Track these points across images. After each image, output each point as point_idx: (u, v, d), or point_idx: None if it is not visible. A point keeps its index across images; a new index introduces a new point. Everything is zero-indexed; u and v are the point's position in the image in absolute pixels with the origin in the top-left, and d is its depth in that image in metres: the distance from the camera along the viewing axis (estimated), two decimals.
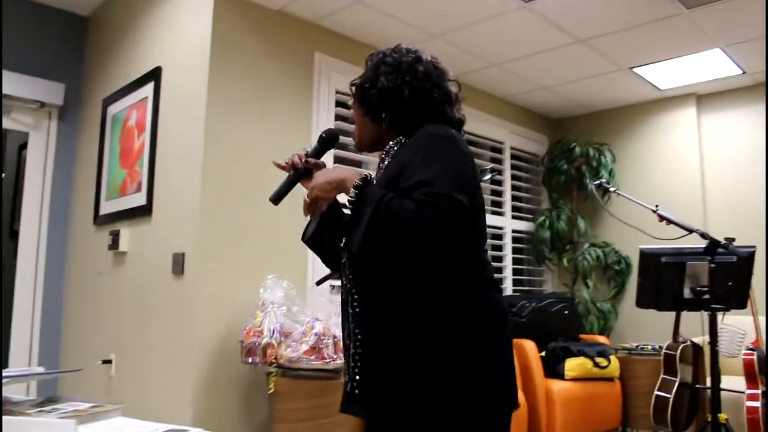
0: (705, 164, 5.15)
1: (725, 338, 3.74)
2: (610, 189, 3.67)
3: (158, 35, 3.78)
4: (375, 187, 1.55)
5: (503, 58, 4.52)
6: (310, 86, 3.86)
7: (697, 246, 3.22)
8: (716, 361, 3.09)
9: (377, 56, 1.78)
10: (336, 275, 1.87)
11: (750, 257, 3.26)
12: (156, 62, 3.71)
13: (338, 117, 3.98)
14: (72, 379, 3.94)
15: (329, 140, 1.85)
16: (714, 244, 3.12)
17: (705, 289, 3.20)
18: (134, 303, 3.62)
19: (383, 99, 1.71)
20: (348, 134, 3.88)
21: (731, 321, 3.69)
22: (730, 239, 3.15)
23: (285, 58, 3.74)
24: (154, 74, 3.68)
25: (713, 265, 3.12)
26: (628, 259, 5.24)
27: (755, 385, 3.51)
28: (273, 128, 3.61)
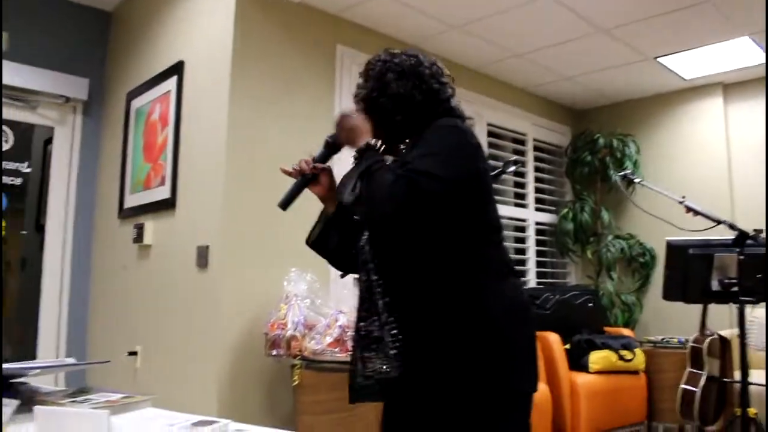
0: (732, 154, 5.07)
1: (754, 331, 3.69)
2: (635, 180, 3.62)
3: (180, 29, 3.79)
4: (375, 155, 1.64)
5: (526, 49, 4.47)
6: (332, 78, 3.86)
7: (726, 238, 3.16)
8: (745, 355, 3.04)
9: (378, 65, 1.79)
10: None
11: None
12: (179, 56, 3.73)
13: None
14: (98, 371, 3.98)
15: (335, 145, 1.84)
16: (743, 236, 3.06)
17: (733, 282, 3.14)
18: (159, 296, 3.65)
19: (395, 105, 1.73)
20: None
21: (760, 314, 3.64)
22: (759, 230, 3.09)
23: (306, 51, 3.74)
24: (177, 68, 3.69)
25: (742, 257, 3.06)
26: (653, 251, 5.18)
27: None
28: (295, 121, 3.61)
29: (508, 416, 1.59)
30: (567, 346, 4.31)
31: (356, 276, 1.78)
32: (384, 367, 1.66)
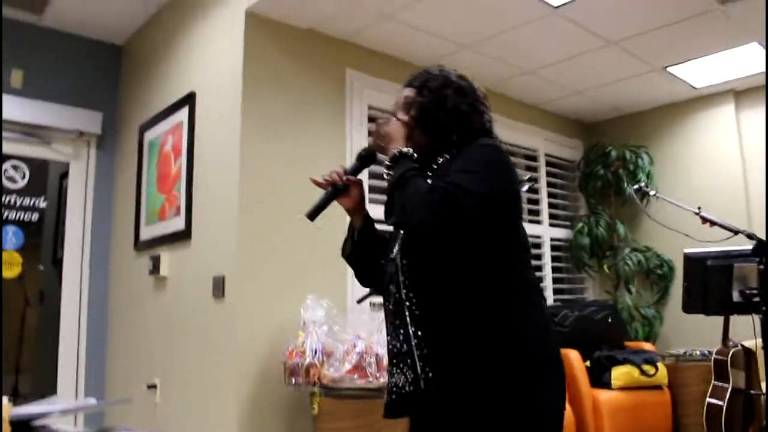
0: (746, 162, 5.02)
1: None
2: (650, 193, 3.59)
3: (190, 60, 3.83)
4: (408, 162, 1.67)
5: (535, 65, 4.47)
6: (343, 103, 3.86)
7: (744, 247, 3.12)
8: None
9: (437, 78, 1.81)
10: (376, 293, 1.88)
11: None
12: (190, 87, 3.76)
13: (372, 133, 3.96)
14: (118, 406, 3.98)
15: (368, 158, 1.86)
16: (762, 245, 3.03)
17: (755, 292, 3.10)
18: (176, 327, 3.66)
19: (452, 121, 1.75)
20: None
21: None
22: None
23: (317, 77, 3.76)
24: (189, 99, 3.73)
25: (762, 267, 3.03)
26: (671, 263, 5.12)
27: None
28: (308, 147, 3.62)
29: None
30: (587, 363, 4.26)
31: (370, 293, 1.78)
32: (408, 382, 1.65)
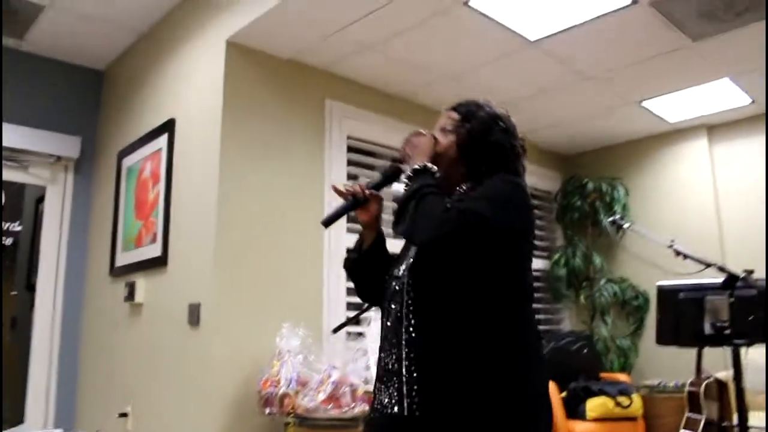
0: (719, 195, 5.10)
1: (748, 374, 3.66)
2: (624, 225, 3.64)
3: (171, 88, 3.84)
4: (430, 178, 1.67)
5: (511, 98, 4.53)
6: (322, 133, 3.88)
7: (716, 280, 3.16)
8: (742, 398, 3.00)
9: (486, 110, 1.86)
10: (353, 322, 1.88)
11: None
12: (169, 114, 3.77)
13: (351, 162, 4.00)
14: None
15: (392, 175, 1.87)
16: (732, 278, 3.06)
17: (726, 324, 3.14)
18: (150, 354, 3.62)
19: (492, 154, 1.79)
20: (355, 179, 3.92)
21: (756, 354, 3.61)
22: (749, 271, 3.10)
23: (297, 106, 3.78)
24: (168, 126, 3.74)
25: (732, 299, 3.07)
26: (646, 294, 5.16)
27: None
28: (287, 177, 3.63)
29: None
30: (563, 394, 4.27)
31: (347, 322, 1.77)
32: (392, 403, 1.64)
